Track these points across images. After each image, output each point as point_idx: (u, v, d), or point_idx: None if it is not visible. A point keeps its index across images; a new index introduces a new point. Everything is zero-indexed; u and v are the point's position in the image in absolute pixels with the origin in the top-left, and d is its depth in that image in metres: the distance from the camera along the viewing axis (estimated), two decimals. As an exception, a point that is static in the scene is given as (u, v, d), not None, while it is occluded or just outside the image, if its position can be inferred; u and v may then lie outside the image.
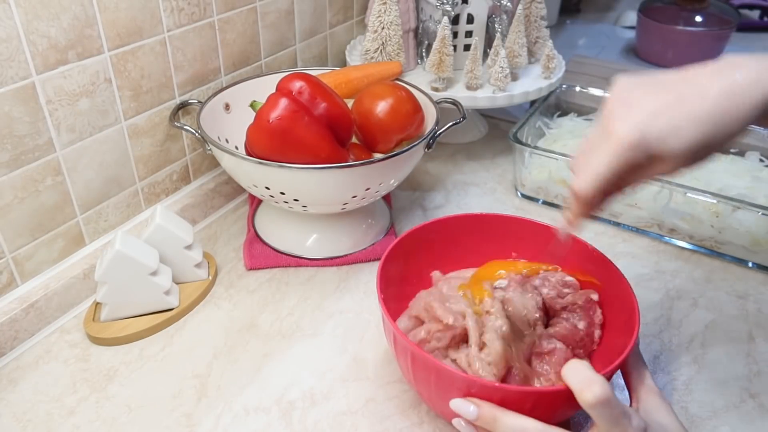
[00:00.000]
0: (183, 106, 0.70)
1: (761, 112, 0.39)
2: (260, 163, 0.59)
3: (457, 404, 0.44)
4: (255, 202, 0.78)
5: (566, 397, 0.40)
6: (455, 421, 0.46)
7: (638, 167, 0.41)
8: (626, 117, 0.40)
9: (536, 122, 0.87)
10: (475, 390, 0.44)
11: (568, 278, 0.55)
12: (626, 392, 0.48)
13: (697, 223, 0.71)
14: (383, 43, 0.83)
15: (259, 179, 0.61)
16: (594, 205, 0.44)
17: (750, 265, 0.71)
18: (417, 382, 0.48)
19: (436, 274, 0.59)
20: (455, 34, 0.87)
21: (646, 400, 0.45)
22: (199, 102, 0.70)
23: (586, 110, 0.92)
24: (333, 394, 0.54)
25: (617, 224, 0.77)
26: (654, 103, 0.40)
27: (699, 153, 0.40)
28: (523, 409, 0.43)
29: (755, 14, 1.49)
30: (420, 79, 0.86)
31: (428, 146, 0.66)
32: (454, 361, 0.49)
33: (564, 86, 0.92)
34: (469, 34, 0.88)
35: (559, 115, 0.92)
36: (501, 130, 0.99)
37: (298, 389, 0.55)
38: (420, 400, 0.54)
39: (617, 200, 0.48)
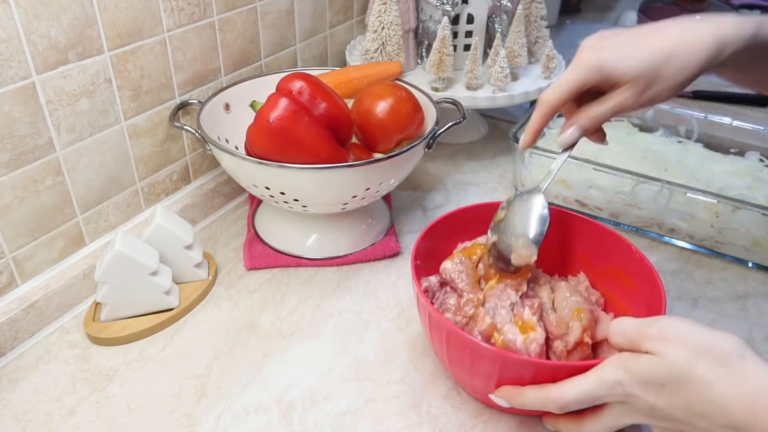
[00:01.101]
0: (183, 106, 0.70)
1: (712, 55, 0.45)
2: (260, 163, 0.59)
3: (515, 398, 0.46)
4: (255, 202, 0.78)
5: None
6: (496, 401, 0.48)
7: (599, 92, 0.49)
8: (592, 47, 0.48)
9: (536, 122, 0.87)
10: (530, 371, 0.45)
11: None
12: None
13: (697, 223, 0.71)
14: (383, 43, 0.83)
15: (259, 179, 0.61)
16: (552, 114, 0.51)
17: (750, 265, 0.71)
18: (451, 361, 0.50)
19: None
20: (455, 34, 0.87)
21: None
22: (199, 102, 0.70)
23: (586, 110, 0.91)
24: (333, 395, 0.54)
25: (617, 224, 0.77)
26: (618, 38, 0.48)
27: (649, 79, 0.46)
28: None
29: (755, 14, 1.49)
30: (420, 79, 0.86)
31: (428, 146, 0.66)
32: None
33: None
34: (469, 34, 0.88)
35: (559, 115, 0.91)
36: (501, 130, 0.99)
37: (298, 389, 0.55)
38: (420, 400, 0.54)
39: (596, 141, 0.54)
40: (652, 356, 0.40)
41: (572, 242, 0.61)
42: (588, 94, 0.50)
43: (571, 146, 0.53)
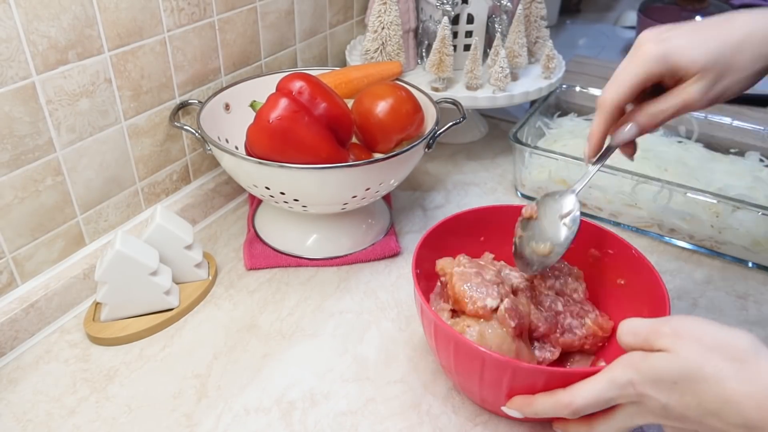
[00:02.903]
0: (183, 106, 0.70)
1: None
2: (260, 163, 0.59)
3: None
4: (255, 202, 0.78)
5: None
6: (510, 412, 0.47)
7: (663, 86, 0.45)
8: (654, 38, 0.44)
9: (536, 122, 0.87)
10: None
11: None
12: None
13: (697, 223, 0.71)
14: (383, 43, 0.83)
15: (259, 179, 0.61)
16: (616, 117, 0.47)
17: (750, 265, 0.71)
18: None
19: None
20: (455, 34, 0.87)
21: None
22: (199, 102, 0.70)
23: (586, 110, 0.92)
24: (333, 395, 0.54)
25: (617, 224, 0.77)
26: (682, 29, 0.44)
27: (719, 69, 0.42)
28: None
29: None
30: (420, 79, 0.86)
31: (428, 146, 0.66)
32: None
33: (564, 86, 0.92)
34: (469, 34, 0.88)
35: (559, 115, 0.92)
36: (501, 130, 0.99)
37: (298, 389, 0.55)
38: (420, 400, 0.54)
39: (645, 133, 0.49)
40: (665, 353, 0.39)
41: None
42: (646, 93, 0.47)
43: (616, 148, 0.50)
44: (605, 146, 0.50)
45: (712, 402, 0.37)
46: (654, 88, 0.47)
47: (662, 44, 0.43)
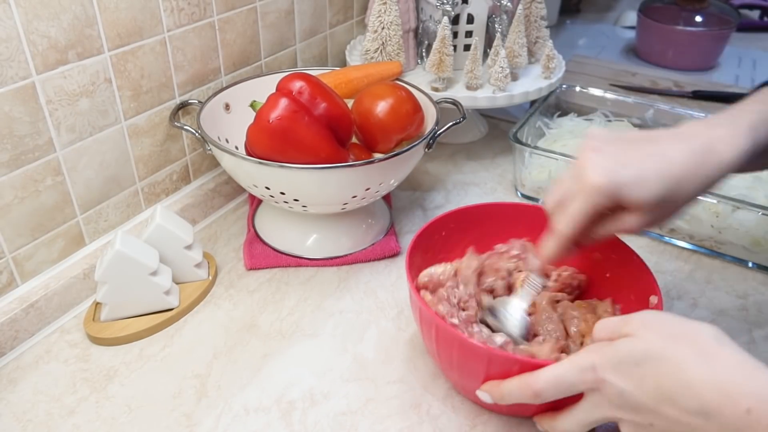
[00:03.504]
0: (183, 106, 0.70)
1: (716, 178, 0.45)
2: (260, 163, 0.59)
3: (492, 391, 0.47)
4: (255, 202, 0.78)
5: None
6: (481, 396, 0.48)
7: (606, 215, 0.47)
8: (597, 165, 0.45)
9: (536, 122, 0.87)
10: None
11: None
12: None
13: (697, 223, 0.71)
14: (383, 43, 0.83)
15: (259, 179, 0.61)
16: (568, 246, 0.48)
17: (750, 265, 0.71)
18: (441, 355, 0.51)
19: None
20: (455, 34, 0.87)
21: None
22: (199, 102, 0.70)
23: (586, 110, 0.92)
24: (333, 394, 0.54)
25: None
26: (623, 156, 0.45)
27: (662, 208, 0.45)
28: None
29: (755, 14, 1.49)
30: (420, 79, 0.86)
31: (428, 146, 0.66)
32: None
33: (564, 86, 0.92)
34: (469, 34, 0.88)
35: (559, 115, 0.92)
36: (501, 130, 0.99)
37: (298, 389, 0.55)
38: (420, 400, 0.54)
39: (583, 250, 0.52)
40: (629, 337, 0.40)
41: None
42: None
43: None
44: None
45: (672, 386, 0.37)
46: None
47: (611, 179, 0.44)
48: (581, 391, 0.42)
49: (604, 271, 0.59)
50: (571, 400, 0.44)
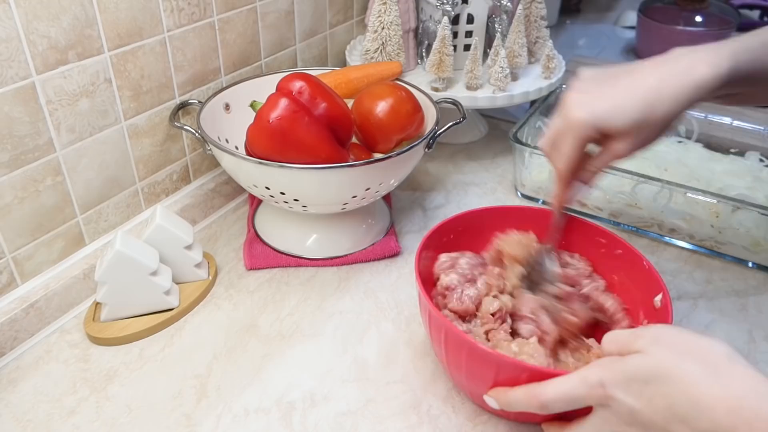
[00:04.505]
0: (183, 106, 0.70)
1: (692, 96, 0.47)
2: (260, 163, 0.59)
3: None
4: (255, 202, 0.78)
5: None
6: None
7: (599, 147, 0.52)
8: (578, 102, 0.50)
9: (536, 122, 0.87)
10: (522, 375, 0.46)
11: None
12: None
13: (697, 223, 0.71)
14: (383, 43, 0.83)
15: (259, 179, 0.61)
16: (569, 183, 0.54)
17: (750, 265, 0.71)
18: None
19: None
20: (455, 34, 0.87)
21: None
22: (199, 102, 0.70)
23: (586, 110, 0.91)
24: (333, 395, 0.54)
25: (617, 224, 0.77)
26: (601, 90, 0.50)
27: (641, 130, 0.49)
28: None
29: (755, 14, 1.49)
30: (420, 79, 0.86)
31: (428, 146, 0.66)
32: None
33: (564, 86, 0.92)
34: (469, 34, 0.88)
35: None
36: (501, 130, 0.99)
37: (298, 390, 0.55)
38: (420, 400, 0.54)
39: (591, 189, 0.58)
40: (639, 354, 0.39)
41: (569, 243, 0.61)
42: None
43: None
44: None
45: (683, 405, 0.36)
46: None
47: (589, 112, 0.49)
48: (589, 405, 0.42)
49: (611, 273, 0.59)
50: (581, 410, 0.43)
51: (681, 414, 0.36)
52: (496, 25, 0.87)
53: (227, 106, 0.73)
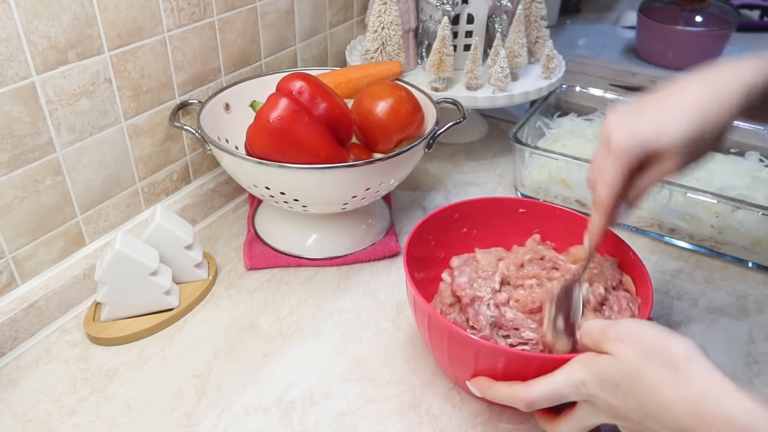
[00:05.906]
0: (183, 106, 0.70)
1: (743, 101, 0.45)
2: (260, 163, 0.59)
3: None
4: (255, 202, 0.78)
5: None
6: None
7: (642, 170, 0.48)
8: (619, 127, 0.47)
9: (536, 122, 0.87)
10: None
11: None
12: None
13: (697, 223, 0.71)
14: (383, 43, 0.83)
15: (259, 179, 0.61)
16: (612, 213, 0.50)
17: (750, 265, 0.71)
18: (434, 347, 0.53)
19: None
20: (455, 34, 0.87)
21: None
22: (199, 102, 0.70)
23: (586, 110, 0.91)
24: (333, 395, 0.54)
25: (617, 224, 0.77)
26: (643, 111, 0.47)
27: (692, 147, 0.46)
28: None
29: (755, 14, 1.49)
30: (420, 79, 0.86)
31: (428, 146, 0.66)
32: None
33: (564, 86, 0.92)
34: (469, 34, 0.88)
35: (559, 115, 0.92)
36: (501, 130, 0.99)
37: (298, 389, 0.55)
38: (420, 400, 0.54)
39: (635, 210, 0.53)
40: (610, 357, 0.41)
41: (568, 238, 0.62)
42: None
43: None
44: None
45: (651, 406, 0.39)
46: None
47: (634, 135, 0.46)
48: (574, 401, 0.44)
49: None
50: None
51: (651, 414, 0.39)
52: (496, 25, 0.87)
53: (227, 106, 0.73)
